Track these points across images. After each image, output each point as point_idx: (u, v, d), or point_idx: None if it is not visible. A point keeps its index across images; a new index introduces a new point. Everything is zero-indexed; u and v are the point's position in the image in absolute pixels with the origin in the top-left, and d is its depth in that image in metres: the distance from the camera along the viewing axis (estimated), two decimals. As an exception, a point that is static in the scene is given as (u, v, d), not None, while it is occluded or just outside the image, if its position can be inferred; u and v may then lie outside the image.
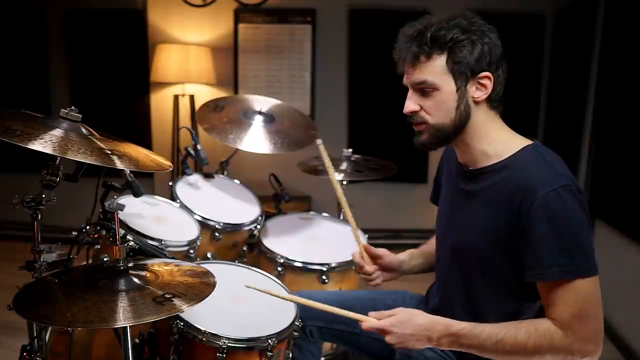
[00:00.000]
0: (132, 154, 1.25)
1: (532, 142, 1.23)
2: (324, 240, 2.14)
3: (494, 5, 3.66)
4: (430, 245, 1.57)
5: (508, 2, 3.72)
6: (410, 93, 1.23)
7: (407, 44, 1.19)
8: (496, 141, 1.23)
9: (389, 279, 1.54)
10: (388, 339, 1.19)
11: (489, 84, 1.19)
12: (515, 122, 1.27)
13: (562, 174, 1.12)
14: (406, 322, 1.18)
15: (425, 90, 1.19)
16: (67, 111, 1.23)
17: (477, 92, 1.19)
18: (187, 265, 1.32)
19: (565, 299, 1.09)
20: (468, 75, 1.17)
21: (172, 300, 1.08)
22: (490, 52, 1.17)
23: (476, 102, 1.20)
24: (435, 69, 1.17)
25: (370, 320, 1.22)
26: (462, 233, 1.26)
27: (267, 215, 2.22)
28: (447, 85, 1.17)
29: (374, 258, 1.53)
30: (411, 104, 1.22)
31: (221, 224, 1.99)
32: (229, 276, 1.60)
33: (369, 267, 1.51)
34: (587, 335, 1.10)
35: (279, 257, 1.94)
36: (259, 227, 2.12)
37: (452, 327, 1.17)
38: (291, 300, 1.46)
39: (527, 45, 3.81)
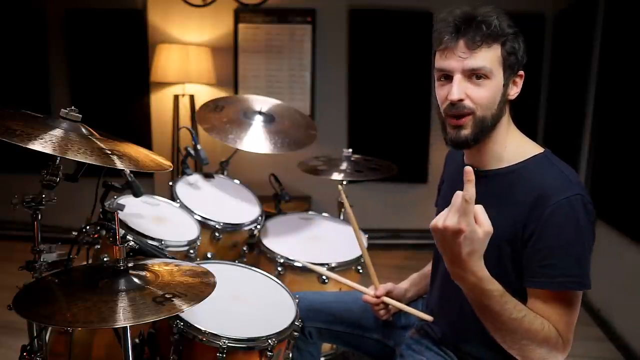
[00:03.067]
0: (132, 154, 1.25)
1: (544, 149, 1.21)
2: (324, 240, 2.14)
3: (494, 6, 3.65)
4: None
5: (508, 2, 3.70)
6: (457, 78, 1.13)
7: (464, 24, 1.12)
8: (512, 145, 1.21)
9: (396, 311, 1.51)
10: (463, 224, 0.96)
11: (520, 83, 1.19)
12: (515, 122, 1.27)
13: (575, 183, 1.11)
14: (479, 241, 0.98)
15: (477, 76, 1.13)
16: (67, 111, 1.23)
17: (512, 90, 1.19)
18: (187, 265, 1.32)
19: (557, 308, 1.09)
20: (513, 70, 1.16)
21: (172, 300, 1.08)
22: (525, 51, 1.18)
23: (508, 100, 1.19)
24: (492, 57, 1.13)
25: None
26: None
27: (267, 215, 2.22)
28: (498, 76, 1.14)
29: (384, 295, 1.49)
30: (459, 90, 1.13)
31: (221, 224, 1.99)
32: (229, 276, 1.61)
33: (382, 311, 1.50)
34: (568, 346, 1.11)
35: (279, 257, 1.94)
36: (259, 227, 2.12)
37: (489, 283, 1.03)
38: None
39: (527, 45, 3.80)
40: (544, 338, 1.07)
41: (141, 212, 1.80)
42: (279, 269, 1.92)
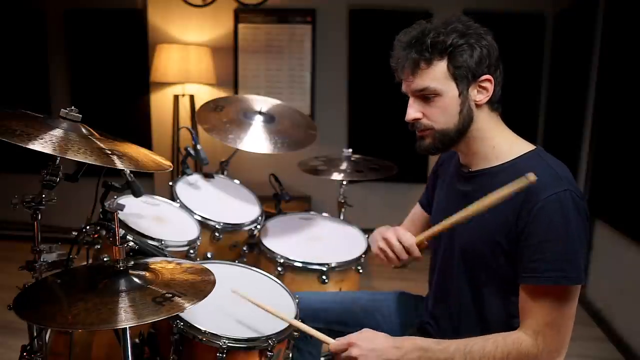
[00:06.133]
0: (132, 154, 1.25)
1: (535, 147, 1.23)
2: (324, 240, 2.14)
3: (493, 5, 3.66)
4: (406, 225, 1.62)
5: (508, 2, 3.72)
6: (411, 100, 1.22)
7: (404, 51, 1.18)
8: (500, 144, 1.23)
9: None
10: (354, 351, 1.14)
11: (490, 86, 1.19)
12: (515, 122, 1.27)
13: (564, 178, 1.12)
14: (372, 339, 1.16)
15: (427, 96, 1.18)
16: (67, 111, 1.23)
17: (479, 95, 1.19)
18: (186, 264, 1.32)
19: (546, 305, 1.10)
20: (469, 79, 1.17)
21: (172, 300, 1.08)
22: (489, 54, 1.17)
23: (478, 106, 1.20)
24: (437, 75, 1.16)
25: (335, 342, 1.19)
26: (466, 236, 1.25)
27: (267, 215, 2.22)
28: (450, 90, 1.17)
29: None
30: (413, 111, 1.21)
31: (221, 224, 1.99)
32: (229, 276, 1.60)
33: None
34: (555, 346, 1.11)
35: (279, 257, 1.94)
36: (259, 227, 2.12)
37: (419, 342, 1.16)
38: (277, 316, 1.37)
39: (527, 45, 3.81)
40: (502, 355, 1.10)
41: (141, 212, 1.80)
42: (279, 269, 1.92)
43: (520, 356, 1.10)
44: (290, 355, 1.49)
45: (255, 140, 2.21)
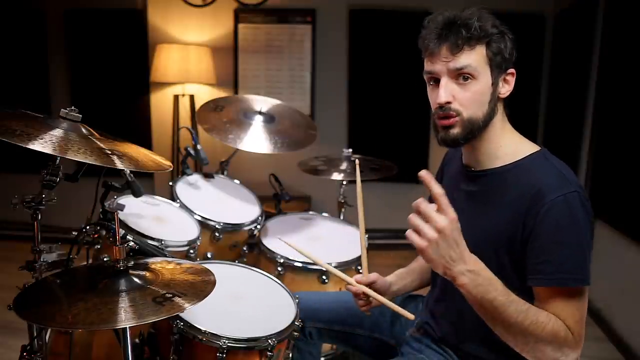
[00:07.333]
0: (132, 154, 1.25)
1: (540, 148, 1.22)
2: (324, 240, 2.14)
3: (493, 5, 3.65)
4: (419, 262, 1.55)
5: (508, 2, 3.71)
6: (444, 81, 1.15)
7: (444, 30, 1.14)
8: (507, 144, 1.22)
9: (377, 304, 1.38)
10: (429, 233, 1.04)
11: (512, 80, 1.20)
12: (515, 122, 1.27)
13: (570, 180, 1.12)
14: (457, 238, 1.05)
15: (464, 76, 1.14)
16: (67, 111, 1.24)
17: (503, 88, 1.19)
18: (186, 264, 1.32)
19: (567, 305, 1.09)
20: (501, 69, 1.17)
21: (172, 300, 1.08)
22: (514, 49, 1.19)
23: (499, 99, 1.20)
24: (477, 57, 1.14)
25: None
26: (471, 236, 1.24)
27: (267, 215, 2.22)
28: (485, 76, 1.15)
29: (368, 285, 1.38)
30: (446, 93, 1.15)
31: (221, 224, 1.99)
32: (229, 276, 1.61)
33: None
34: (580, 341, 1.10)
35: (279, 257, 1.94)
36: (259, 227, 2.12)
37: (490, 272, 1.07)
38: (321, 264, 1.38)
39: (527, 45, 3.81)
40: (551, 331, 1.07)
41: (141, 212, 1.80)
42: (279, 269, 1.92)
43: (565, 342, 1.08)
44: (290, 355, 1.49)
45: (255, 140, 2.21)
